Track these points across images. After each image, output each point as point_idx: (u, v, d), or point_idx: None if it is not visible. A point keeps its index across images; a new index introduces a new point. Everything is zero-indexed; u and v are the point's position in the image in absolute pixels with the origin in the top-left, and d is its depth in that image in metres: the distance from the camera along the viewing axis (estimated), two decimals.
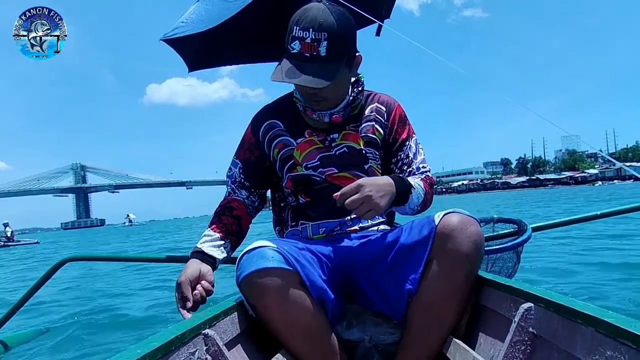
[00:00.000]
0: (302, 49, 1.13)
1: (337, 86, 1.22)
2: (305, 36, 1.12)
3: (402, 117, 1.35)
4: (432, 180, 1.32)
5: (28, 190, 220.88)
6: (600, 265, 4.26)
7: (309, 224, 1.28)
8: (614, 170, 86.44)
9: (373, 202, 1.08)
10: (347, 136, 1.30)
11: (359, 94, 1.31)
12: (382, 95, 1.37)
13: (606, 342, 0.64)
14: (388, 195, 1.12)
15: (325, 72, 1.13)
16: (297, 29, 1.13)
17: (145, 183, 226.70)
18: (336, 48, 1.13)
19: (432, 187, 1.31)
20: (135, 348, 0.74)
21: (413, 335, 1.10)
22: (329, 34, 1.12)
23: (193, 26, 1.69)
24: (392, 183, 1.15)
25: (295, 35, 1.13)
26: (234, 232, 1.28)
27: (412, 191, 1.20)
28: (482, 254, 1.08)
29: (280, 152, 1.32)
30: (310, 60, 1.13)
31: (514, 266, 1.77)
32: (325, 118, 1.28)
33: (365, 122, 1.32)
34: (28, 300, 2.01)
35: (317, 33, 1.11)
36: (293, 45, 1.14)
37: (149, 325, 3.42)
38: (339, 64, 1.16)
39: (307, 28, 1.12)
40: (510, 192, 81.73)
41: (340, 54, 1.16)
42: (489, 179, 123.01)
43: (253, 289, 1.03)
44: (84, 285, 6.16)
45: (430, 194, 1.29)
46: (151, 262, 1.95)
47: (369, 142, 1.31)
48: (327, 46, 1.12)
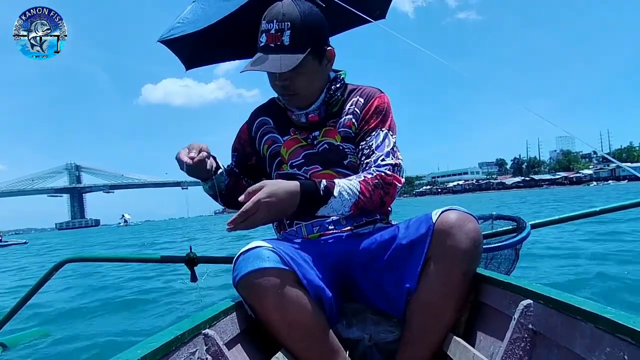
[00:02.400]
0: (268, 40, 1.19)
1: (307, 79, 1.24)
2: (270, 28, 1.19)
3: (378, 108, 1.28)
4: (385, 179, 1.19)
5: (22, 191, 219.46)
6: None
7: (302, 224, 1.27)
8: (608, 171, 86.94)
9: (256, 216, 1.07)
10: (327, 132, 1.31)
11: (337, 91, 1.31)
12: (367, 88, 1.34)
13: (606, 338, 0.65)
14: (279, 205, 1.09)
15: (287, 60, 1.17)
16: (264, 23, 1.20)
17: (140, 183, 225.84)
18: (300, 37, 1.18)
19: (384, 187, 1.19)
20: (136, 348, 0.74)
21: (413, 333, 1.11)
22: (291, 23, 1.17)
23: (190, 26, 1.70)
24: (297, 192, 1.12)
25: (262, 28, 1.20)
26: (233, 173, 1.42)
27: (329, 201, 1.13)
28: (481, 251, 1.08)
29: (269, 148, 1.35)
30: (274, 50, 1.18)
31: (513, 263, 1.77)
32: (302, 118, 1.30)
33: (343, 116, 1.31)
34: (27, 301, 2.00)
35: (280, 23, 1.17)
36: (261, 39, 1.21)
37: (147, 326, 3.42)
38: (302, 52, 1.18)
39: (272, 20, 1.18)
40: (508, 192, 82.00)
41: (304, 44, 1.18)
42: (484, 180, 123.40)
43: (250, 289, 1.03)
44: (84, 284, 6.14)
45: (372, 196, 1.17)
46: (150, 262, 1.94)
47: (345, 137, 1.29)
48: (290, 35, 1.17)
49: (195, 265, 1.71)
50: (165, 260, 1.85)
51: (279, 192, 1.09)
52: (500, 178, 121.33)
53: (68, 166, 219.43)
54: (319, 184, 1.14)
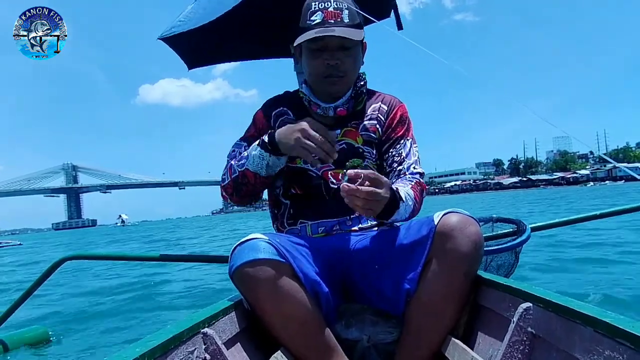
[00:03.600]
0: (326, 16, 1.19)
1: (354, 62, 1.26)
2: (327, 6, 1.20)
3: (402, 117, 1.34)
4: (423, 187, 1.26)
5: (19, 191, 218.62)
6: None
7: (308, 223, 1.28)
8: (605, 171, 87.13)
9: (376, 203, 1.02)
10: (347, 133, 1.31)
11: (362, 87, 1.32)
12: (387, 96, 1.38)
13: (604, 342, 0.65)
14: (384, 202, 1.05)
15: (354, 33, 1.19)
16: (315, 3, 1.20)
17: (137, 183, 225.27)
18: (355, 18, 1.22)
19: (423, 193, 1.26)
20: (134, 347, 0.75)
21: (412, 335, 1.11)
22: (348, 4, 1.22)
23: (190, 24, 1.70)
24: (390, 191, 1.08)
25: (315, 8, 1.20)
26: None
27: (400, 205, 1.11)
28: (482, 253, 1.09)
29: None
30: (335, 25, 1.19)
31: (513, 266, 1.77)
32: (330, 112, 1.29)
33: (367, 120, 1.32)
34: (27, 299, 2.00)
35: (337, 2, 1.20)
36: (314, 18, 1.20)
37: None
38: (361, 31, 1.23)
39: (327, 0, 1.20)
40: (505, 192, 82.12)
41: (358, 25, 1.23)
42: (481, 180, 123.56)
43: (244, 280, 1.03)
44: (83, 283, 6.13)
45: (419, 202, 1.24)
46: (149, 260, 1.95)
47: (367, 140, 1.31)
48: (348, 14, 1.20)
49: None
50: (167, 259, 1.87)
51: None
52: (497, 178, 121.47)
53: (65, 166, 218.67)
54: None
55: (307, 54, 1.25)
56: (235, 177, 1.27)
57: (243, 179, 1.26)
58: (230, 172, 1.28)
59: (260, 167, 1.23)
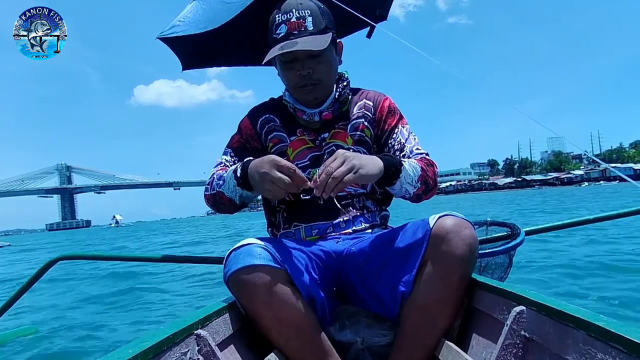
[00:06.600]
0: (290, 28, 1.19)
1: (328, 67, 1.25)
2: (290, 17, 1.19)
3: (390, 108, 1.34)
4: (431, 161, 1.25)
5: (12, 191, 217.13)
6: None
7: (301, 226, 1.28)
8: (599, 172, 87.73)
9: (353, 162, 1.02)
10: (335, 135, 1.31)
11: (345, 88, 1.32)
12: (370, 92, 1.38)
13: (597, 345, 0.66)
14: (371, 164, 1.07)
15: (319, 40, 1.18)
16: (278, 16, 1.20)
17: (132, 184, 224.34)
18: (320, 23, 1.21)
19: (432, 166, 1.24)
20: (127, 348, 0.74)
21: (406, 338, 1.11)
22: (311, 10, 1.20)
23: (190, 26, 1.68)
24: (378, 157, 1.12)
25: (279, 20, 1.20)
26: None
27: (401, 169, 1.14)
28: (476, 257, 1.09)
29: (275, 147, 1.33)
30: (299, 36, 1.18)
31: (507, 269, 1.77)
32: (316, 117, 1.29)
33: (354, 119, 1.33)
34: (18, 299, 1.98)
35: (300, 11, 1.19)
36: (278, 31, 1.20)
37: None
38: (328, 35, 1.21)
39: (289, 11, 1.19)
40: (500, 192, 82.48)
41: (325, 29, 1.22)
42: (476, 180, 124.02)
43: (240, 286, 1.03)
44: (75, 284, 6.10)
45: (430, 172, 1.22)
46: (143, 261, 1.94)
47: (359, 140, 1.31)
48: (312, 21, 1.19)
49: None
50: (166, 259, 1.86)
51: (358, 154, 1.08)
52: (492, 179, 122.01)
53: (59, 166, 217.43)
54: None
55: (280, 66, 1.27)
56: (214, 194, 1.25)
57: (220, 199, 1.24)
58: (211, 187, 1.26)
59: (234, 195, 1.21)
